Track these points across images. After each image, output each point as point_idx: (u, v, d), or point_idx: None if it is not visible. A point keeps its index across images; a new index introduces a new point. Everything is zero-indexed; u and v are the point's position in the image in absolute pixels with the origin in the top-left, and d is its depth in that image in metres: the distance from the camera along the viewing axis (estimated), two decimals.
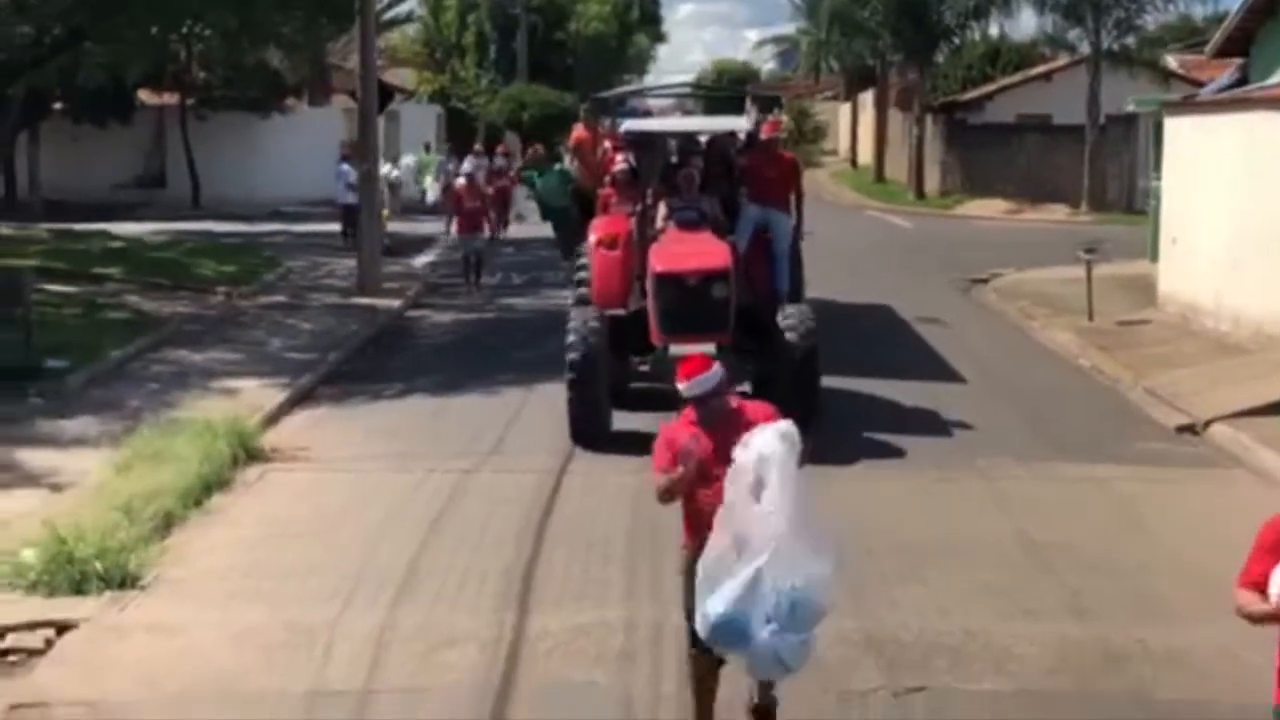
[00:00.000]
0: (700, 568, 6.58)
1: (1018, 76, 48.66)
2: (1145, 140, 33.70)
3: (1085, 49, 42.77)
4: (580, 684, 8.08)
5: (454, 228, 25.34)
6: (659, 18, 66.27)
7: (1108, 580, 9.81)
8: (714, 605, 6.45)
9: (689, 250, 13.53)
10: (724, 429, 6.90)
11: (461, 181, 26.47)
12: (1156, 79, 40.97)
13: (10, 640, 8.75)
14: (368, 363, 18.18)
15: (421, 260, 28.99)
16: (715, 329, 12.99)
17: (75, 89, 33.57)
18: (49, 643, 8.74)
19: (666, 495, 7.02)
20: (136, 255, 26.16)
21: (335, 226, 31.14)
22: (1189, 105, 22.59)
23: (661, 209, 14.57)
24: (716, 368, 7.13)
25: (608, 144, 17.86)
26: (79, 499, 11.10)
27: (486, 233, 26.16)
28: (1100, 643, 8.65)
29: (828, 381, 14.30)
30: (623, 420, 13.49)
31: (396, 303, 22.62)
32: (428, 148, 38.98)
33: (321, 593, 9.44)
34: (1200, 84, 33.30)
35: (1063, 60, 46.30)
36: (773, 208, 15.40)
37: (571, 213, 19.59)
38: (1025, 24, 50.19)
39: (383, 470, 12.76)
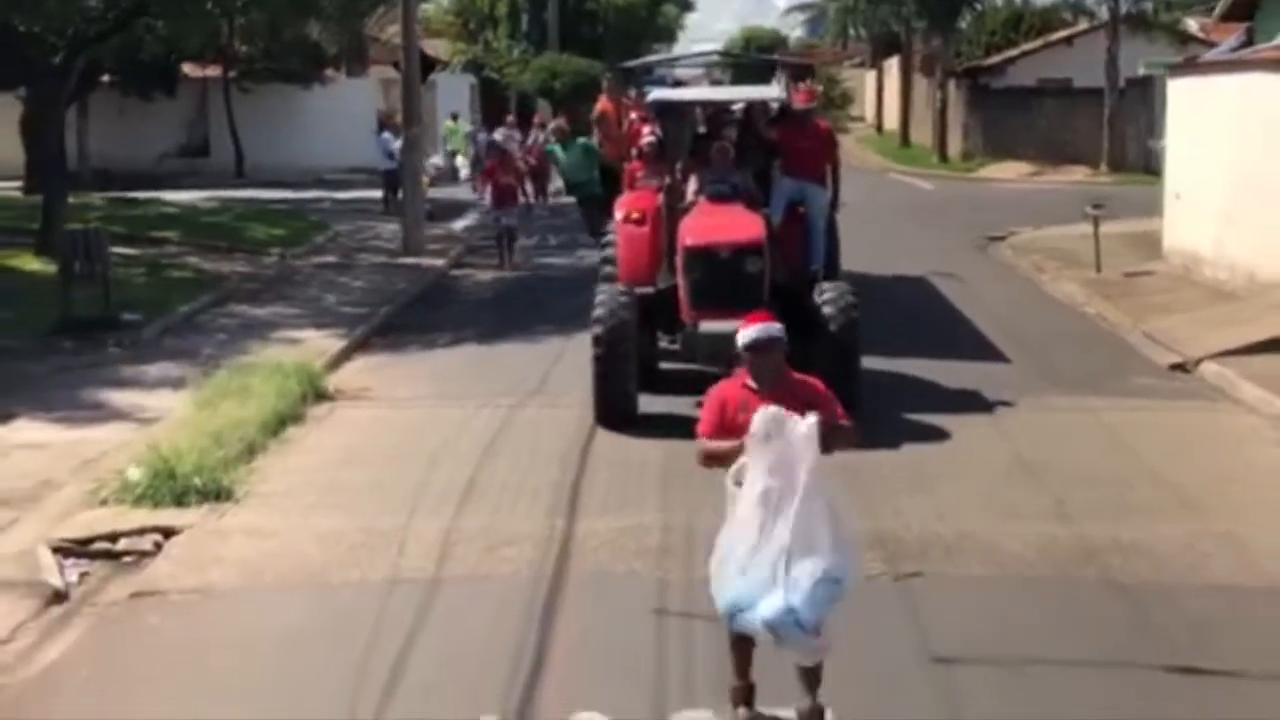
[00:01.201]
0: (724, 547, 6.61)
1: (1038, 42, 49.52)
2: (1161, 103, 34.65)
3: (1104, 14, 43.66)
4: (622, 573, 9.32)
5: (487, 198, 24.64)
6: None
7: (1089, 490, 11.01)
8: (729, 593, 6.53)
9: (720, 223, 13.20)
10: (780, 393, 6.67)
11: (493, 151, 26.34)
12: (1174, 42, 41.80)
13: (124, 544, 10.06)
14: (417, 316, 19.46)
15: (461, 224, 30.18)
16: (749, 305, 11.66)
17: (124, 62, 34.79)
18: (158, 545, 10.04)
19: (710, 462, 6.83)
20: (190, 220, 27.52)
21: (376, 193, 32.37)
22: (1191, 67, 23.65)
23: (692, 183, 14.22)
24: (759, 327, 6.87)
25: (634, 115, 17.48)
26: (168, 430, 12.38)
27: (520, 207, 24.92)
28: (1078, 539, 9.86)
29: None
30: (650, 404, 13.20)
31: (440, 262, 23.89)
32: (455, 117, 39.94)
33: (392, 504, 10.72)
34: (1217, 46, 34.27)
35: (1083, 25, 47.19)
36: (808, 180, 15.06)
37: (596, 187, 19.65)
38: None
39: (437, 407, 14.05)
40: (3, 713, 7.59)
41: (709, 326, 12.46)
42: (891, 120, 60.61)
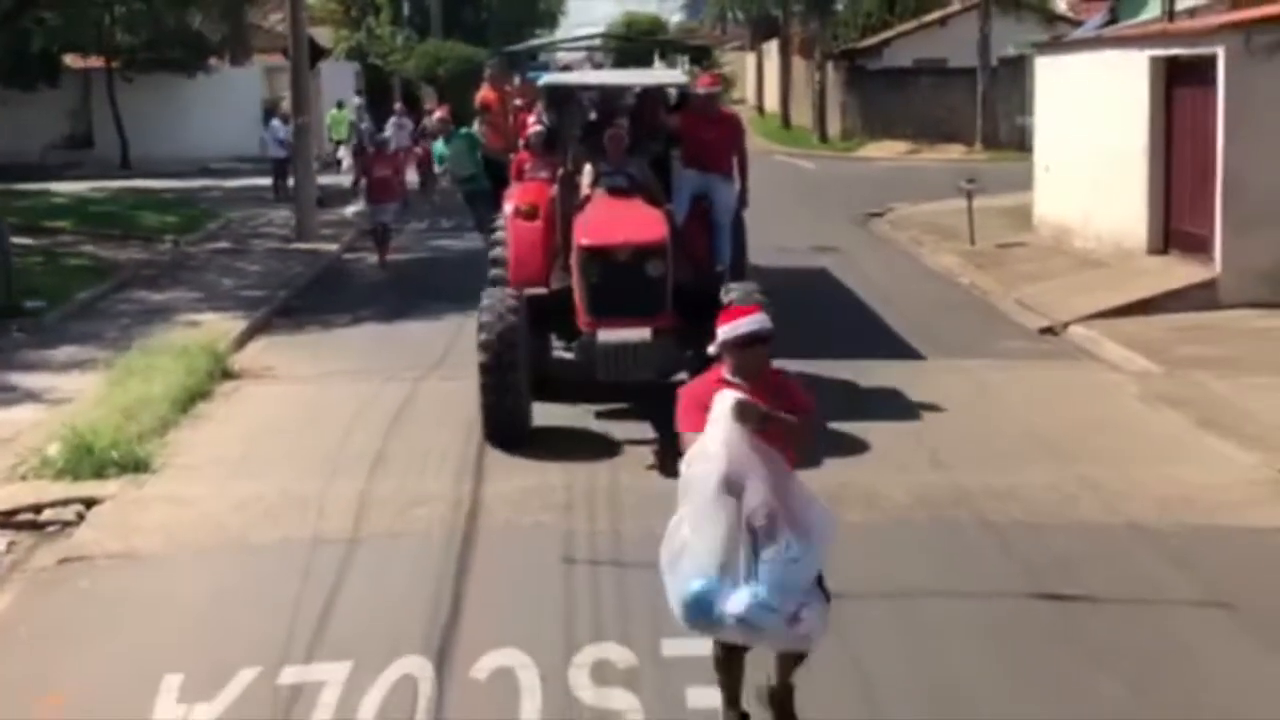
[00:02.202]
0: (678, 539, 6.19)
1: (913, 23, 50.71)
2: (1031, 81, 35.77)
3: None
4: (529, 526, 9.90)
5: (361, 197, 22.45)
6: None
7: (962, 441, 11.79)
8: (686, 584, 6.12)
9: (619, 221, 12.09)
10: (759, 387, 6.28)
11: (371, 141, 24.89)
12: (1043, 22, 43.12)
13: (47, 514, 10.47)
14: (315, 298, 19.85)
15: (351, 209, 30.34)
16: (651, 310, 11.63)
17: (5, 54, 34.64)
18: (80, 515, 10.45)
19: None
20: (81, 210, 27.63)
21: (264, 180, 32.53)
22: (1054, 46, 24.68)
23: (586, 174, 13.05)
24: (752, 318, 6.38)
25: (518, 102, 16.68)
26: (82, 408, 12.74)
27: (398, 202, 22.83)
28: (952, 486, 10.60)
29: None
30: (545, 414, 12.36)
31: (334, 247, 24.24)
32: (340, 105, 40.08)
33: (308, 471, 11.22)
34: (1084, 24, 35.50)
35: (956, 6, 48.42)
36: (713, 173, 13.98)
37: (481, 181, 18.75)
38: None
39: (342, 382, 14.51)
40: None
41: (609, 336, 11.53)
42: (772, 102, 61.63)
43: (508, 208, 13.61)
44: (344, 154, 36.50)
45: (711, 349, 6.44)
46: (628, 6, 76.65)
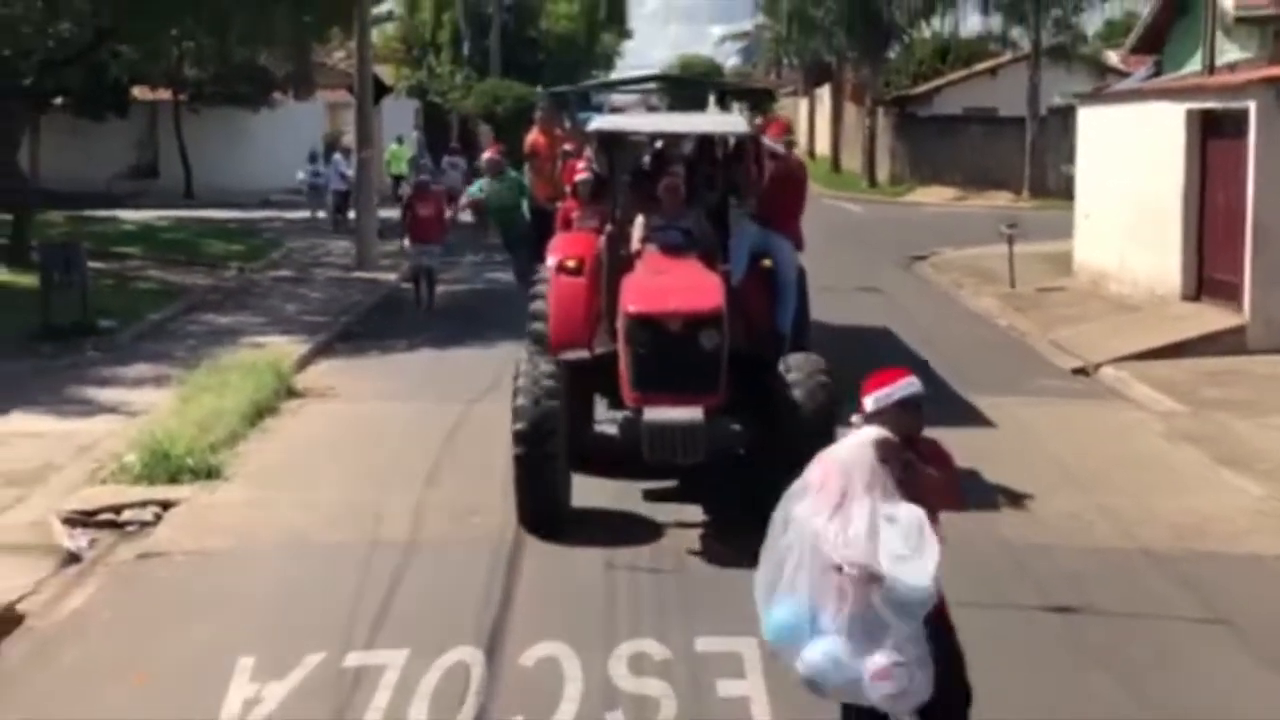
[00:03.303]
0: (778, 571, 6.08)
1: (964, 72, 51.43)
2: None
3: (1027, 46, 45.52)
4: (576, 535, 10.54)
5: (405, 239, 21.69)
6: (625, 15, 68.71)
7: (991, 470, 12.34)
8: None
9: (671, 285, 10.99)
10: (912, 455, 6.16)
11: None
12: (1093, 73, 43.71)
13: (127, 515, 11.21)
14: (374, 324, 20.65)
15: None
16: (704, 387, 10.54)
17: (80, 85, 35.77)
18: (157, 516, 11.21)
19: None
20: (149, 237, 28.63)
21: (322, 213, 33.46)
22: (1098, 96, 25.30)
23: (638, 226, 11.97)
24: (909, 380, 6.27)
25: (567, 148, 15.92)
26: (157, 419, 13.51)
27: (440, 244, 21.69)
28: (976, 510, 11.12)
29: None
30: (585, 492, 11.18)
31: (392, 276, 25.07)
32: (399, 141, 40.93)
33: (367, 482, 11.96)
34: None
35: (1007, 56, 49.07)
36: (775, 228, 12.97)
37: (521, 225, 18.03)
38: (972, 23, 53.27)
39: (400, 402, 15.25)
40: (38, 649, 8.72)
41: (656, 414, 10.34)
42: (823, 146, 62.36)
43: (550, 261, 12.55)
44: (405, 190, 36.92)
45: (856, 418, 6.24)
46: (683, 50, 77.63)
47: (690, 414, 10.29)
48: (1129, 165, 21.18)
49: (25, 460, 12.62)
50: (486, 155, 21.37)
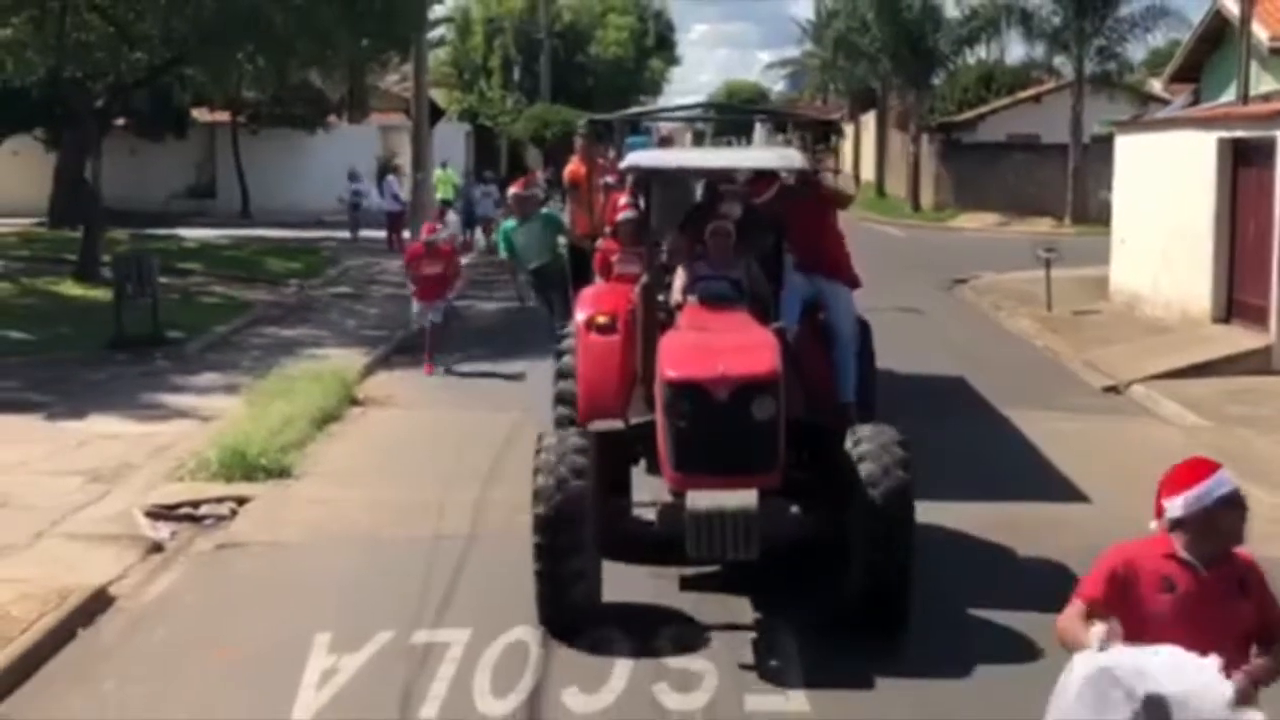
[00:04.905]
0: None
1: (1008, 99, 52.08)
2: None
3: (1070, 74, 46.11)
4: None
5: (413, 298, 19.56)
6: (673, 42, 69.68)
7: (1021, 480, 13.02)
8: None
9: (718, 344, 9.35)
10: (1220, 570, 5.14)
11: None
12: (1135, 101, 44.26)
13: (205, 509, 12.00)
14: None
15: (463, 260, 32.13)
16: (758, 466, 8.96)
17: (137, 107, 36.88)
18: (234, 511, 12.00)
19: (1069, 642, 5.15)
20: (210, 254, 29.61)
21: (378, 233, 34.37)
22: (1134, 125, 25.93)
23: (679, 276, 10.52)
24: (1223, 473, 5.21)
25: (609, 179, 13.80)
26: (230, 423, 14.35)
27: (448, 302, 19.66)
28: (1005, 513, 11.81)
29: None
30: (619, 582, 9.57)
31: (449, 294, 25.79)
32: (444, 165, 41.59)
33: (431, 482, 12.72)
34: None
35: (1051, 84, 49.67)
36: (824, 276, 11.45)
37: (560, 264, 16.22)
38: (1016, 51, 54.07)
39: (458, 411, 16.05)
40: (130, 626, 9.49)
41: (701, 500, 8.68)
42: (868, 172, 63.00)
43: (579, 316, 11.08)
44: (452, 217, 37.04)
45: (1156, 524, 5.27)
46: (730, 75, 78.46)
47: (742, 499, 8.60)
48: (1163, 192, 21.80)
49: (106, 459, 13.42)
50: (513, 191, 18.68)
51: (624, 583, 9.57)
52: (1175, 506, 5.15)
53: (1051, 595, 9.09)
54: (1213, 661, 4.83)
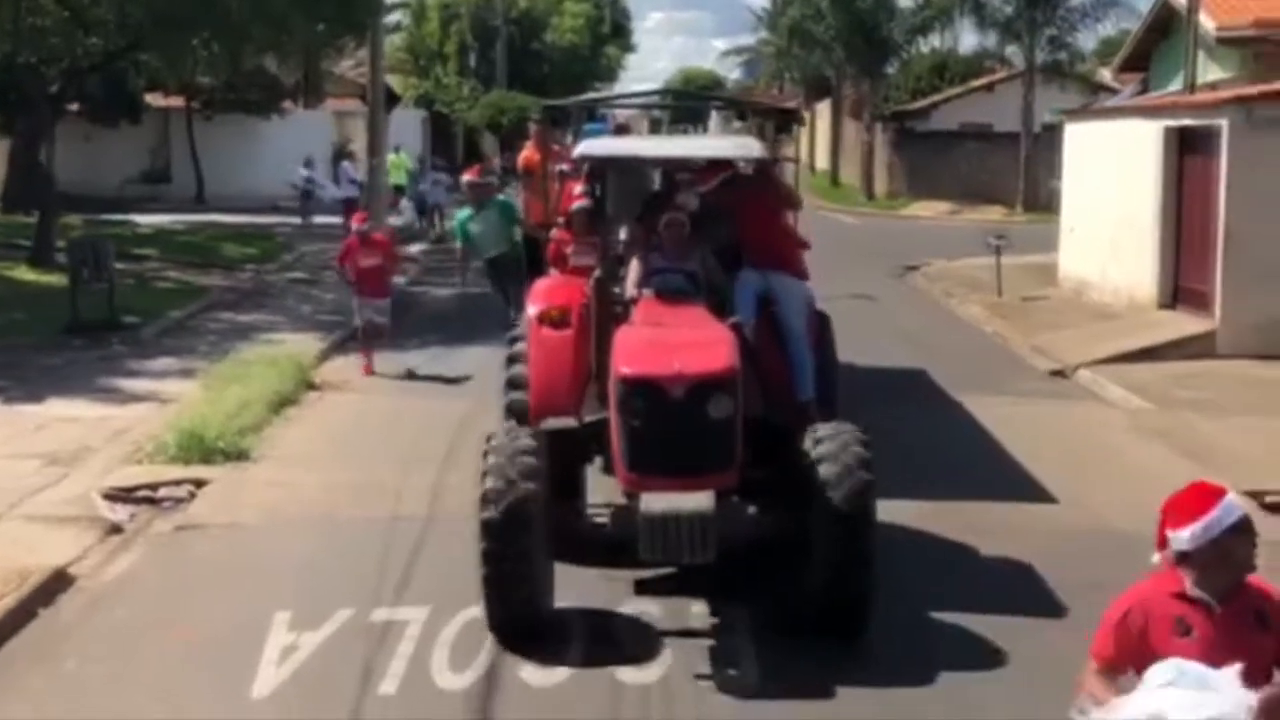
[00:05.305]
0: None
1: (961, 88, 52.48)
2: None
3: (1022, 63, 46.53)
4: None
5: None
6: (629, 30, 69.79)
7: (970, 462, 13.29)
8: None
9: (673, 340, 9.15)
10: (1234, 606, 4.78)
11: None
12: (1085, 90, 44.71)
13: (163, 491, 12.11)
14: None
15: (415, 248, 32.24)
16: (714, 465, 8.76)
17: (91, 92, 36.74)
18: (192, 493, 12.10)
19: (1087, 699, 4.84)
20: (165, 240, 29.62)
21: (334, 219, 34.31)
22: (1082, 114, 26.27)
23: (633, 269, 10.32)
24: (1231, 498, 4.85)
25: (564, 168, 13.40)
26: (187, 407, 14.44)
27: (388, 299, 18.10)
28: (957, 495, 12.02)
29: None
30: (570, 586, 9.28)
31: (402, 279, 25.85)
32: (397, 150, 41.47)
33: (387, 464, 12.86)
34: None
35: (1002, 74, 50.11)
36: (774, 269, 11.13)
37: (517, 251, 15.87)
38: (968, 40, 54.55)
39: (414, 395, 16.17)
40: (90, 605, 9.60)
41: (656, 502, 8.42)
42: (822, 160, 63.34)
43: (531, 309, 10.78)
44: (405, 203, 37.21)
45: (1157, 557, 4.97)
46: (685, 63, 78.70)
47: (698, 501, 8.37)
48: (1111, 180, 22.12)
49: (64, 443, 13.50)
50: (467, 178, 18.12)
51: (576, 587, 9.34)
52: (1181, 540, 4.77)
53: (1011, 594, 9.51)
54: (1232, 673, 4.49)
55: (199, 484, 12.24)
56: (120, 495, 11.95)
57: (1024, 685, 8.16)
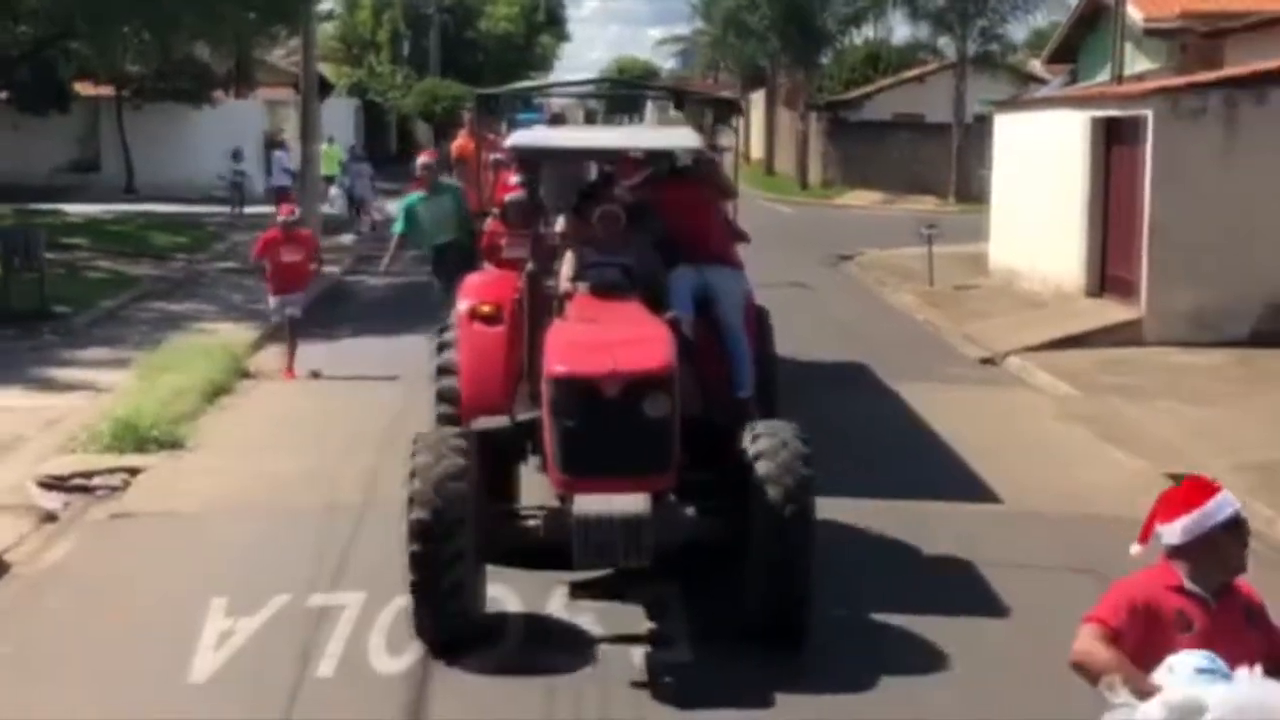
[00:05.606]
0: None
1: (894, 79, 52.84)
2: None
3: (954, 54, 46.96)
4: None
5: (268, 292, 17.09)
6: (563, 18, 69.83)
7: (900, 449, 13.48)
8: None
9: (608, 337, 8.82)
10: (1226, 603, 4.82)
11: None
12: (1016, 81, 45.18)
13: (98, 480, 12.13)
14: (320, 313, 21.21)
15: (348, 237, 32.21)
16: (650, 466, 8.44)
17: (19, 80, 36.37)
18: (126, 482, 12.11)
19: (1085, 671, 4.80)
20: (96, 229, 29.44)
21: (266, 209, 34.13)
22: (1012, 104, 26.56)
23: (567, 262, 10.03)
24: (1225, 495, 4.85)
25: (498, 156, 13.33)
26: (121, 396, 14.42)
27: (304, 293, 17.30)
28: (887, 481, 12.18)
29: None
30: (500, 591, 9.13)
31: (336, 269, 25.89)
32: (330, 140, 41.10)
33: (325, 451, 12.92)
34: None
35: (934, 64, 50.54)
36: (710, 263, 10.82)
37: (463, 244, 15.03)
38: (901, 31, 55.09)
39: (349, 384, 16.18)
40: (26, 591, 9.62)
41: (590, 505, 8.16)
42: (757, 150, 63.58)
43: (461, 304, 10.58)
44: (335, 192, 36.71)
45: (1137, 547, 5.01)
46: (620, 52, 78.77)
47: (633, 503, 8.10)
48: (1039, 170, 22.40)
49: None
50: (423, 160, 17.27)
51: (508, 592, 9.20)
52: (1173, 532, 4.77)
53: (953, 594, 9.63)
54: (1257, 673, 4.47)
55: (134, 472, 12.26)
56: (55, 483, 11.95)
57: (972, 684, 8.16)
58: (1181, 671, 4.47)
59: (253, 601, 9.14)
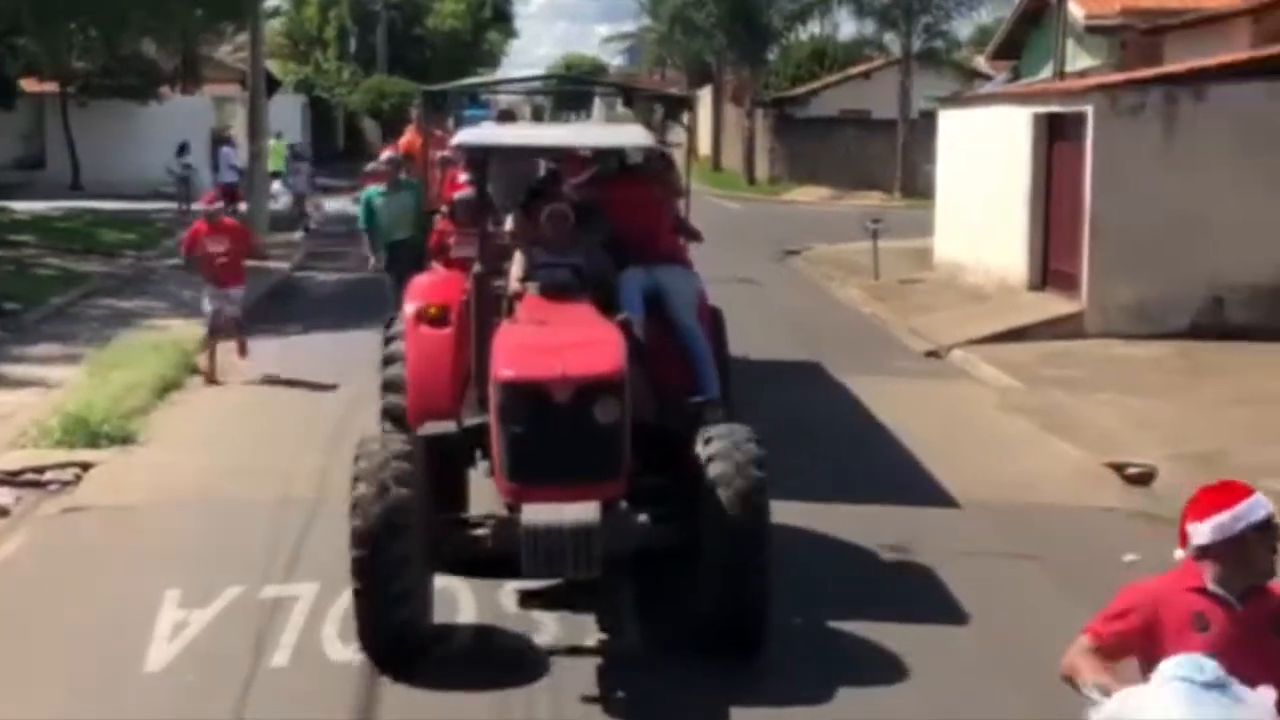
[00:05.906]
0: None
1: (839, 75, 53.17)
2: None
3: (899, 51, 47.32)
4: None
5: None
6: (511, 14, 69.80)
7: (844, 441, 13.67)
8: None
9: (557, 340, 8.58)
10: (1253, 605, 4.71)
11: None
12: (960, 78, 45.57)
13: (49, 475, 12.16)
14: (270, 310, 21.46)
15: (298, 234, 32.17)
16: (600, 475, 8.22)
17: None
18: (78, 477, 12.15)
19: (1069, 683, 4.75)
20: (43, 226, 29.31)
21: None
22: (954, 100, 26.86)
23: (516, 263, 9.86)
24: (1259, 497, 4.75)
25: (445, 154, 13.21)
26: (72, 392, 14.44)
27: (243, 287, 16.71)
28: (833, 471, 12.42)
29: None
30: (447, 600, 8.93)
31: (286, 264, 25.94)
32: (278, 136, 40.76)
33: (276, 447, 12.99)
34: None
35: (879, 61, 50.90)
36: (660, 263, 10.67)
37: (420, 242, 14.40)
38: (847, 28, 55.60)
39: (300, 379, 16.16)
40: None
41: (538, 514, 7.95)
42: (704, 146, 63.75)
43: (408, 307, 10.30)
44: (279, 187, 36.72)
45: (1181, 552, 4.83)
46: (568, 49, 78.78)
47: (582, 512, 7.88)
48: (982, 165, 22.69)
49: None
50: (387, 154, 17.09)
51: (455, 602, 9.03)
52: (1202, 532, 4.68)
53: (906, 590, 9.77)
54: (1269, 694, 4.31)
55: (85, 467, 12.29)
56: (5, 479, 12.00)
57: (929, 682, 8.16)
58: (1159, 676, 4.35)
59: (206, 593, 9.23)
